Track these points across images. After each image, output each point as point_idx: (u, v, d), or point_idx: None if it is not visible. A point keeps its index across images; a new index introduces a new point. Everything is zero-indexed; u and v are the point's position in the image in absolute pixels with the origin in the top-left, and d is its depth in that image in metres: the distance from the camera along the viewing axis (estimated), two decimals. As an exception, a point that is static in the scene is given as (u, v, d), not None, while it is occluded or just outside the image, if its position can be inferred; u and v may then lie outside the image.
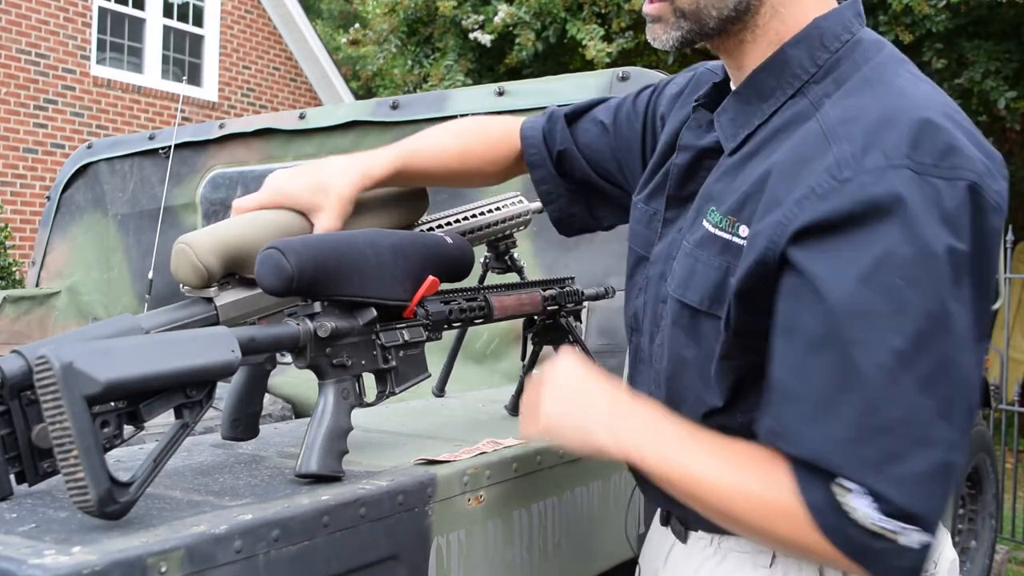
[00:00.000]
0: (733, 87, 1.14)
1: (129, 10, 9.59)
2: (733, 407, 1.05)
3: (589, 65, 6.90)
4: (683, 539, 1.19)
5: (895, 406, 0.87)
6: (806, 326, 0.92)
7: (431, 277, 1.26)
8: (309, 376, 1.18)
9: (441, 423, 1.55)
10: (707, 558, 1.15)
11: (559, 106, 1.56)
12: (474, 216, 1.58)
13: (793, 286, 0.94)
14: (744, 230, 1.01)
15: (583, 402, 1.09)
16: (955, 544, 3.69)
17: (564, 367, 1.12)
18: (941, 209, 0.89)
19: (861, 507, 0.88)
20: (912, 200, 0.88)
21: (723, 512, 0.98)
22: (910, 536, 0.88)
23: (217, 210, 2.77)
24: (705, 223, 1.07)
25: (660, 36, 1.12)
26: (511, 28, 7.58)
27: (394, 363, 1.25)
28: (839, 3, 1.10)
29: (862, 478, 0.88)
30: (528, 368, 1.65)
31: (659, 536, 1.27)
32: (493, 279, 1.64)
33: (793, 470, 0.93)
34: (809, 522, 0.91)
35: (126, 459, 1.19)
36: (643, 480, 1.21)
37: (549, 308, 1.56)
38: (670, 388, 1.13)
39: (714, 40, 1.11)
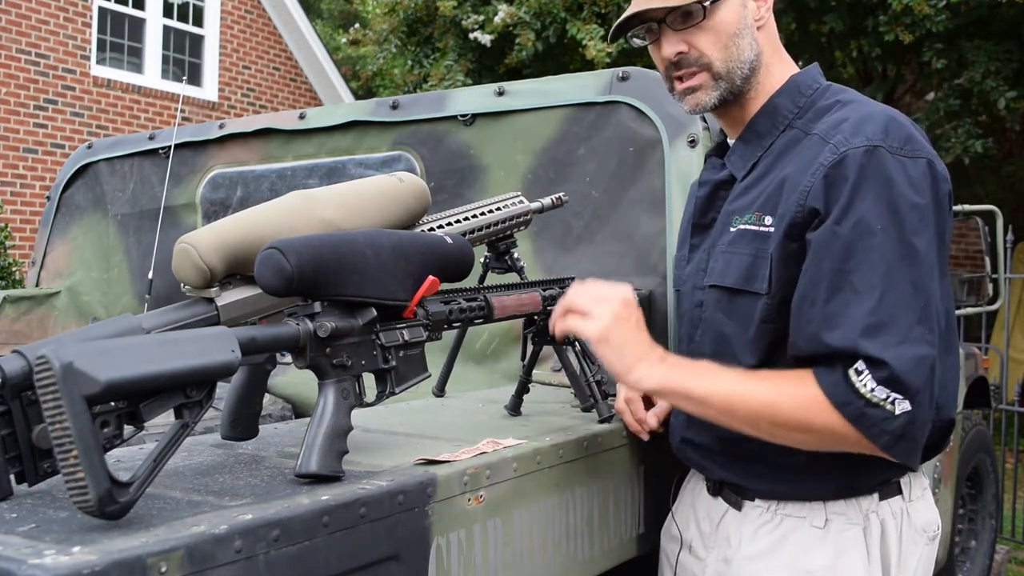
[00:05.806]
0: (730, 140, 1.50)
1: (129, 10, 9.58)
2: (768, 365, 1.32)
3: (589, 65, 6.89)
4: (738, 507, 1.43)
5: (887, 312, 1.20)
6: (817, 262, 1.25)
7: (431, 277, 1.26)
8: (309, 376, 1.18)
9: (441, 423, 1.55)
10: (764, 523, 1.39)
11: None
12: (474, 216, 1.58)
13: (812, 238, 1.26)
14: (768, 220, 1.33)
15: (638, 336, 1.33)
16: (955, 544, 3.69)
17: (628, 300, 1.34)
18: (908, 177, 1.25)
19: (865, 378, 1.18)
20: (889, 171, 1.24)
21: (766, 415, 1.25)
22: (896, 404, 1.18)
23: (217, 210, 2.76)
24: (734, 227, 1.39)
25: (703, 100, 1.43)
26: (511, 28, 7.57)
27: (394, 363, 1.25)
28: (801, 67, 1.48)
29: (869, 351, 1.18)
30: (528, 368, 1.65)
31: (707, 504, 1.49)
32: (493, 279, 1.64)
33: (814, 372, 1.24)
34: (827, 402, 1.21)
35: (126, 459, 1.19)
36: (694, 448, 1.47)
37: (549, 308, 1.56)
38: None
39: (736, 95, 1.43)
